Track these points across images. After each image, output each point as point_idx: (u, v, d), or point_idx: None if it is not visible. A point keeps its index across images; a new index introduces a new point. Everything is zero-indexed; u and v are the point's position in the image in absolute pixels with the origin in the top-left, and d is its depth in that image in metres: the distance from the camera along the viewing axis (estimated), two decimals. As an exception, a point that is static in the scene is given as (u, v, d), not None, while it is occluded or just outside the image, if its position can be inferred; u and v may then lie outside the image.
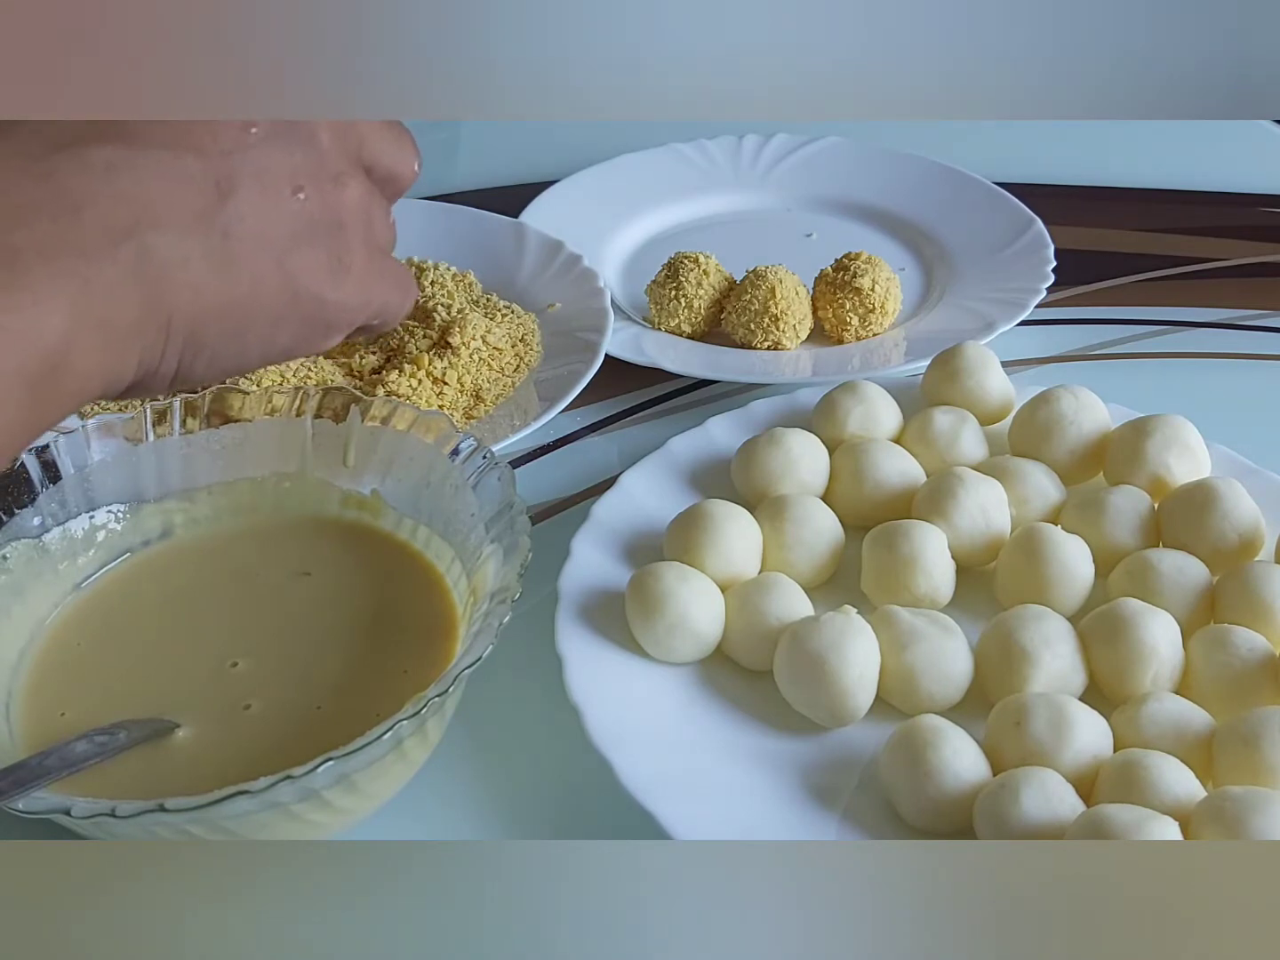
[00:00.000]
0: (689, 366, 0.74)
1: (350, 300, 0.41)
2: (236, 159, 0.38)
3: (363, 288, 0.42)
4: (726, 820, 0.48)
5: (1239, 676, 0.51)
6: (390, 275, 0.43)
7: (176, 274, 0.36)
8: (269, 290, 0.39)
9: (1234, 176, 0.96)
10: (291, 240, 0.39)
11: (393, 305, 0.44)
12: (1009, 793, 0.46)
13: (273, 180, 0.39)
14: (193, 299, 0.37)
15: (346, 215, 0.40)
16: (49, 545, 0.51)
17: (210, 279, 0.37)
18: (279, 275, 0.39)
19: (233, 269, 0.38)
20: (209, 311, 0.38)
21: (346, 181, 0.40)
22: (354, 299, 0.42)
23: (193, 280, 0.37)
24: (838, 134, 0.96)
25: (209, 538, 0.55)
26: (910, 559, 0.56)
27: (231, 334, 0.39)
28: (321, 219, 0.40)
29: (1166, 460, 0.61)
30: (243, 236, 0.38)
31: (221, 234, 0.37)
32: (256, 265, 0.38)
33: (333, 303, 0.41)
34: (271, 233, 0.38)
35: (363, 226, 0.41)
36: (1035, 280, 0.78)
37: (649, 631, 0.54)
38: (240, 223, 0.38)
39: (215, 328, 0.38)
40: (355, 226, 0.41)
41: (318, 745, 0.41)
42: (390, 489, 0.54)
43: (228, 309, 0.38)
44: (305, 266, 0.39)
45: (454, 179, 0.96)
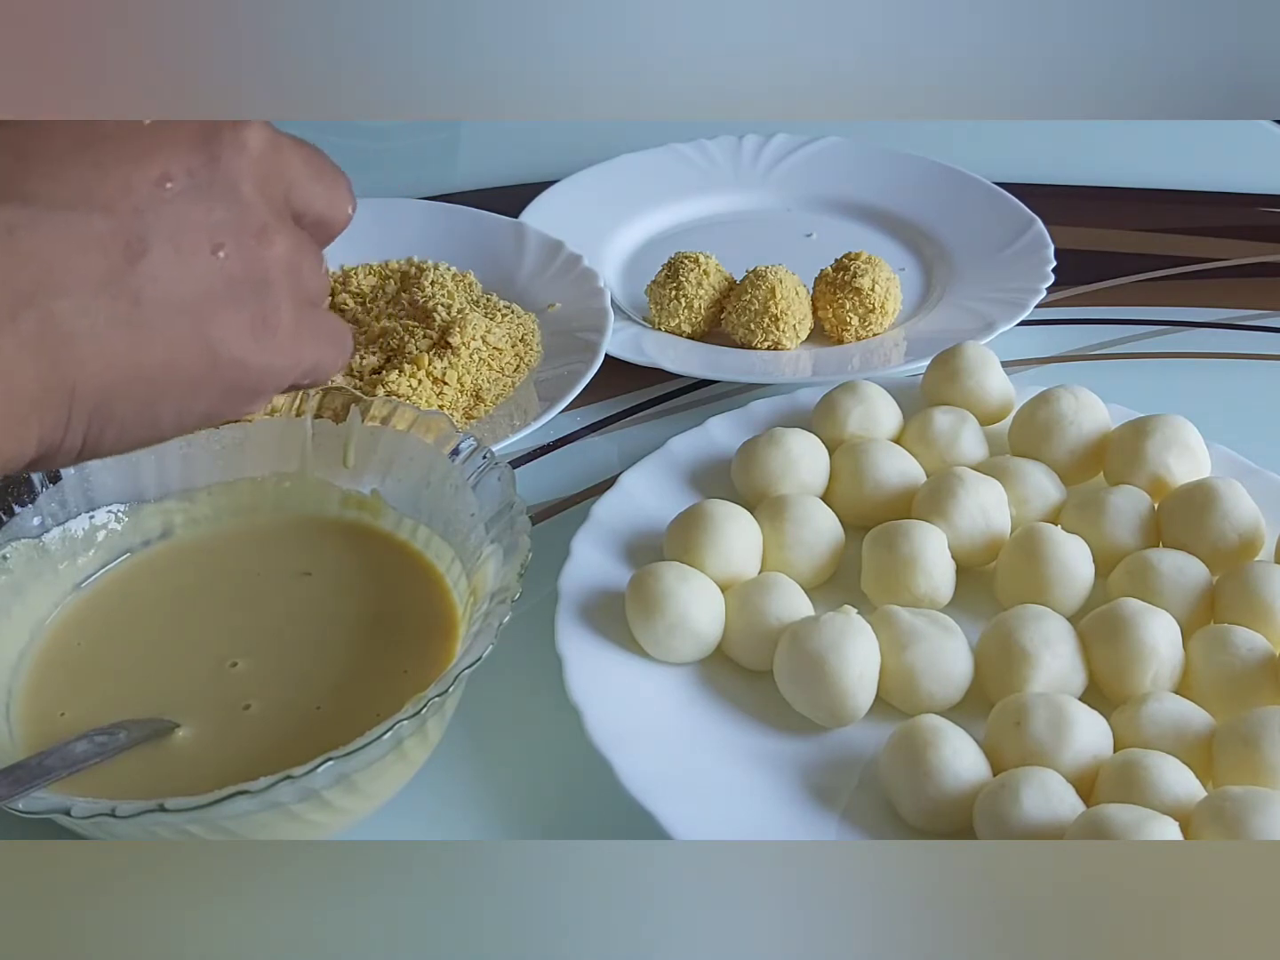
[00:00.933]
0: (689, 366, 0.74)
1: (276, 363, 0.39)
2: (149, 216, 0.35)
3: (290, 349, 0.39)
4: (726, 820, 0.48)
5: (1239, 676, 0.51)
6: (321, 331, 0.40)
7: (82, 344, 0.34)
8: (185, 357, 0.36)
9: (1234, 176, 0.96)
10: (210, 302, 0.36)
11: (324, 363, 0.41)
12: (1009, 793, 0.46)
13: (190, 238, 0.36)
14: (100, 370, 0.35)
15: (272, 272, 0.38)
16: (49, 545, 0.51)
17: (119, 348, 0.35)
18: (196, 340, 0.36)
19: (144, 336, 0.35)
20: (118, 383, 0.35)
21: (272, 236, 0.38)
22: (280, 361, 0.39)
23: (100, 350, 0.34)
24: (838, 134, 0.95)
25: (209, 538, 0.55)
26: (910, 559, 0.56)
27: (144, 405, 0.36)
28: (244, 277, 0.37)
29: (1166, 460, 0.61)
30: (156, 300, 0.35)
31: (132, 299, 0.35)
32: (171, 331, 0.36)
33: (256, 367, 0.38)
34: (188, 295, 0.36)
35: (290, 282, 0.38)
36: (1035, 280, 0.78)
37: (649, 631, 0.54)
38: (153, 285, 0.35)
39: (126, 399, 0.36)
40: (282, 283, 0.38)
41: (318, 745, 0.41)
42: (390, 489, 0.54)
43: (139, 379, 0.36)
44: (226, 330, 0.37)
45: (454, 179, 0.96)
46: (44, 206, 0.34)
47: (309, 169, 0.40)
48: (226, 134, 0.37)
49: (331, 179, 0.41)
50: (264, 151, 0.38)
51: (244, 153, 0.37)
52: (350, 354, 0.43)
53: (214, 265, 0.36)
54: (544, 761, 0.53)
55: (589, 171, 0.91)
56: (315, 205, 0.40)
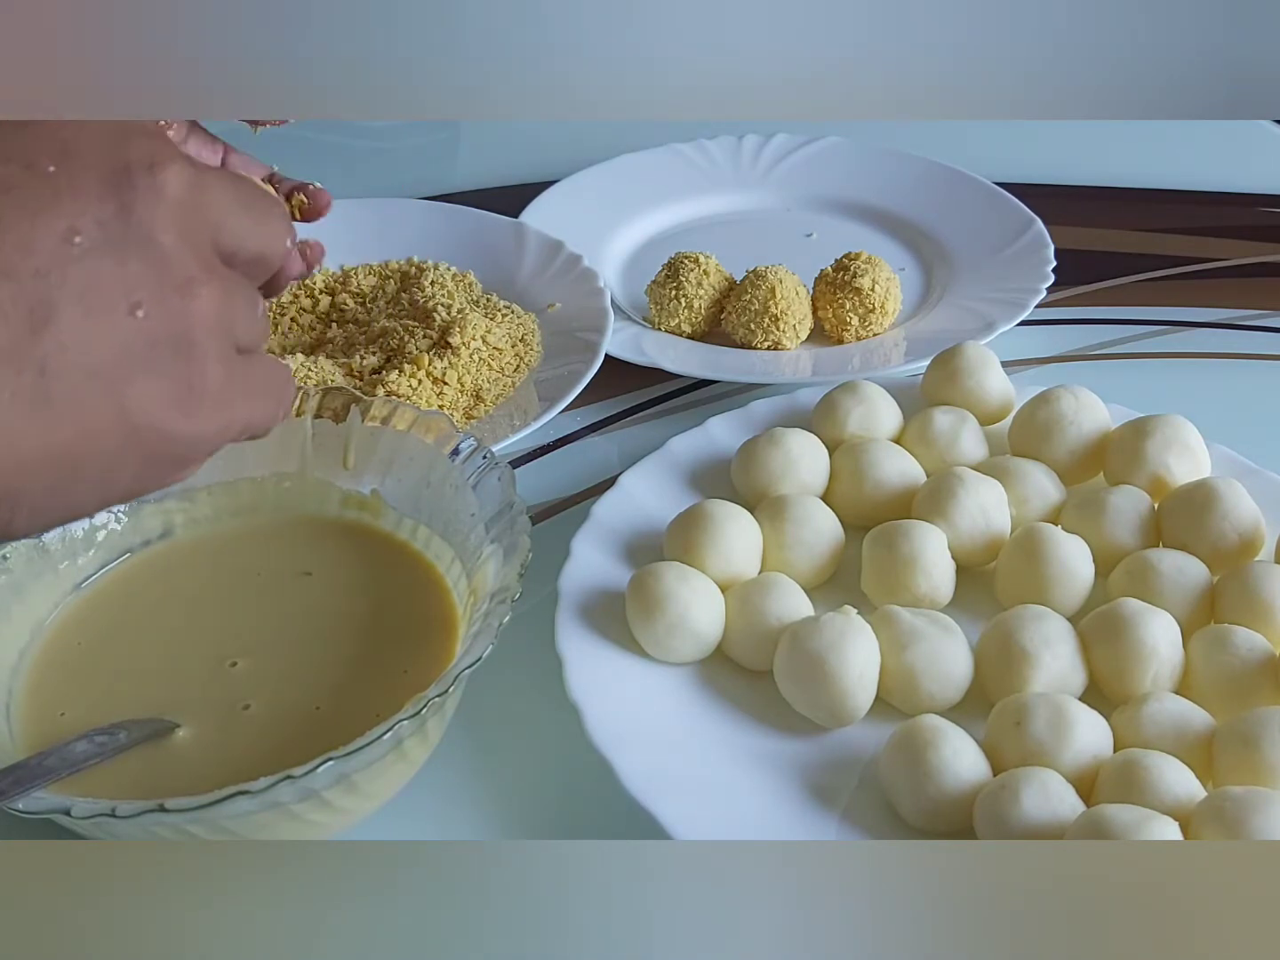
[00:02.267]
0: (689, 366, 0.74)
1: (203, 429, 0.35)
2: (54, 278, 0.32)
3: (218, 412, 0.35)
4: (726, 820, 0.48)
5: (1239, 676, 0.51)
6: (255, 386, 0.37)
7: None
8: (101, 430, 0.33)
9: (1234, 176, 0.96)
10: (127, 368, 0.33)
11: (258, 420, 0.37)
12: (1009, 793, 0.46)
13: (102, 299, 0.32)
14: (4, 452, 0.32)
15: (197, 328, 0.34)
16: (49, 545, 0.51)
17: (25, 426, 0.32)
18: (112, 412, 0.33)
19: (53, 411, 0.32)
20: (26, 463, 0.32)
21: (197, 288, 0.34)
22: (208, 427, 0.35)
23: (2, 429, 0.31)
24: (838, 134, 0.96)
25: (209, 538, 0.55)
26: (910, 559, 0.56)
27: (56, 485, 0.33)
28: (165, 337, 0.34)
29: (1166, 460, 0.61)
30: (64, 371, 0.32)
31: (37, 370, 0.31)
32: (83, 403, 0.32)
33: (182, 436, 0.35)
34: (101, 362, 0.32)
35: (219, 337, 0.35)
36: (1035, 280, 0.78)
37: (649, 631, 0.54)
38: (61, 354, 0.32)
39: (35, 480, 0.33)
40: (209, 340, 0.34)
41: (317, 745, 0.41)
42: (390, 489, 0.54)
43: (49, 458, 0.32)
44: (145, 398, 0.33)
45: (454, 179, 0.97)
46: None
47: (238, 204, 0.36)
48: (140, 178, 0.33)
49: (263, 211, 0.37)
50: (184, 193, 0.34)
51: (161, 198, 0.34)
52: (290, 401, 0.40)
53: (131, 327, 0.33)
54: (544, 761, 0.53)
55: (589, 171, 0.91)
56: (249, 243, 0.36)
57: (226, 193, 0.36)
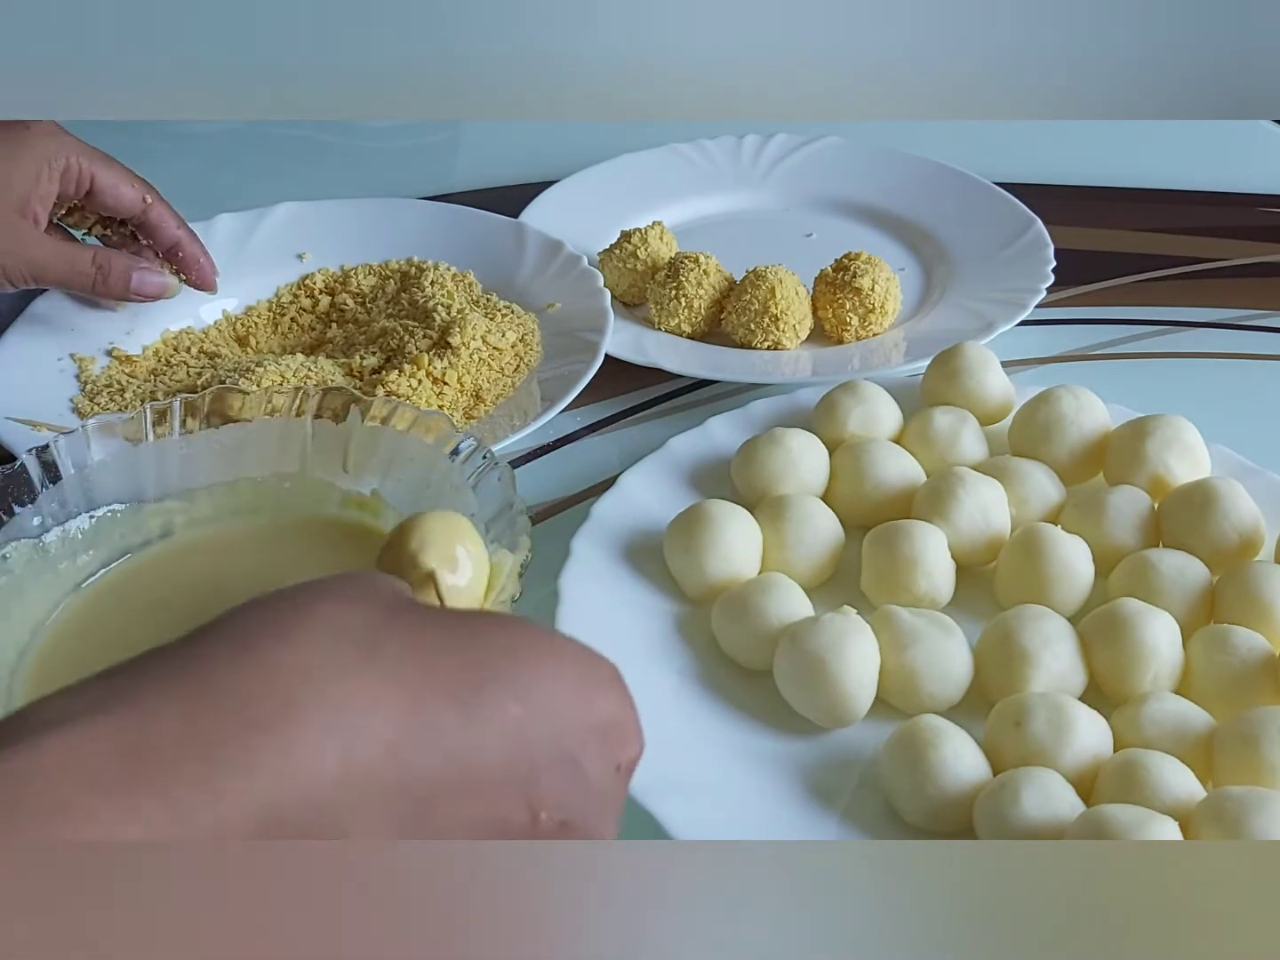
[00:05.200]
0: (689, 366, 0.74)
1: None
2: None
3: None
4: (726, 820, 0.48)
5: (1239, 676, 0.51)
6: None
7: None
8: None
9: (1234, 176, 0.96)
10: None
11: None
12: (1009, 793, 0.46)
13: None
14: None
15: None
16: (49, 545, 0.51)
17: None
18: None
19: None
20: None
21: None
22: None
23: None
24: (838, 134, 0.95)
25: (209, 538, 0.55)
26: (910, 559, 0.56)
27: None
28: None
29: (1166, 460, 0.61)
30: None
31: None
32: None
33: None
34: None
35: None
36: (1035, 280, 0.78)
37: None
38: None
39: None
40: None
41: (318, 745, 0.41)
42: (390, 489, 0.54)
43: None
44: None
45: (454, 179, 0.96)
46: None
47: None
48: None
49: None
50: None
51: None
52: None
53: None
54: (544, 761, 0.53)
55: (589, 171, 0.91)
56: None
57: None
